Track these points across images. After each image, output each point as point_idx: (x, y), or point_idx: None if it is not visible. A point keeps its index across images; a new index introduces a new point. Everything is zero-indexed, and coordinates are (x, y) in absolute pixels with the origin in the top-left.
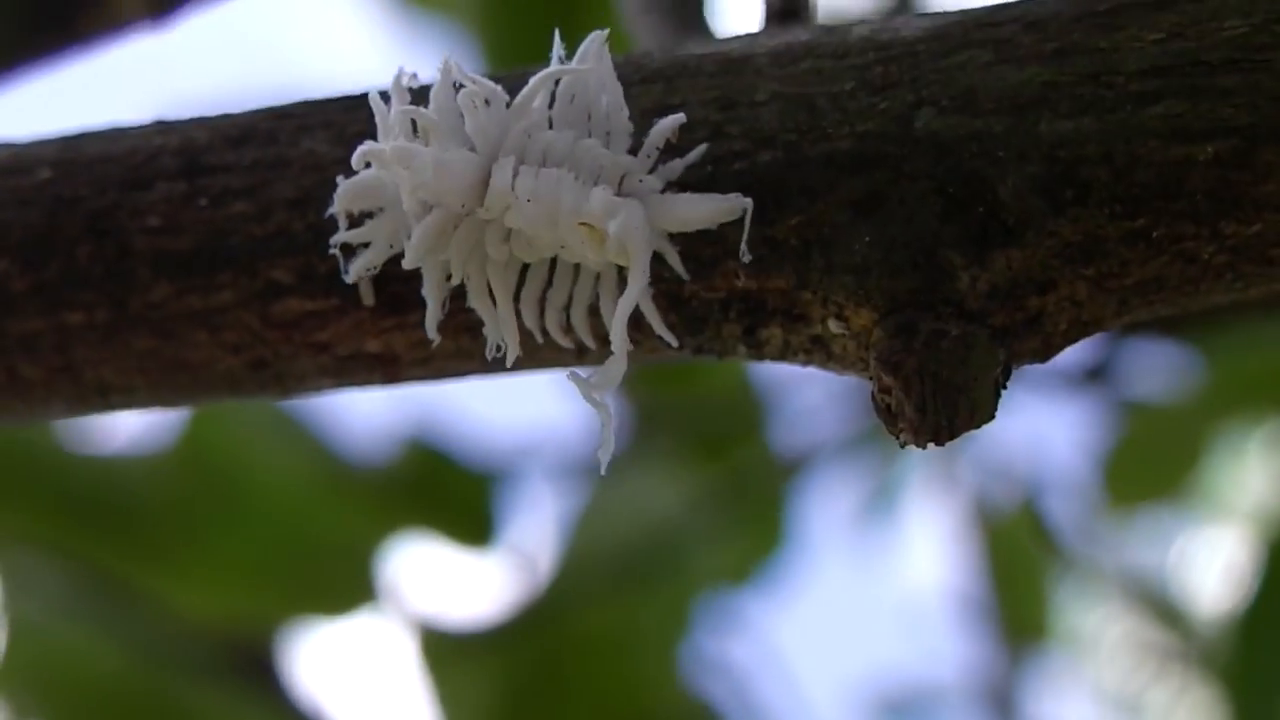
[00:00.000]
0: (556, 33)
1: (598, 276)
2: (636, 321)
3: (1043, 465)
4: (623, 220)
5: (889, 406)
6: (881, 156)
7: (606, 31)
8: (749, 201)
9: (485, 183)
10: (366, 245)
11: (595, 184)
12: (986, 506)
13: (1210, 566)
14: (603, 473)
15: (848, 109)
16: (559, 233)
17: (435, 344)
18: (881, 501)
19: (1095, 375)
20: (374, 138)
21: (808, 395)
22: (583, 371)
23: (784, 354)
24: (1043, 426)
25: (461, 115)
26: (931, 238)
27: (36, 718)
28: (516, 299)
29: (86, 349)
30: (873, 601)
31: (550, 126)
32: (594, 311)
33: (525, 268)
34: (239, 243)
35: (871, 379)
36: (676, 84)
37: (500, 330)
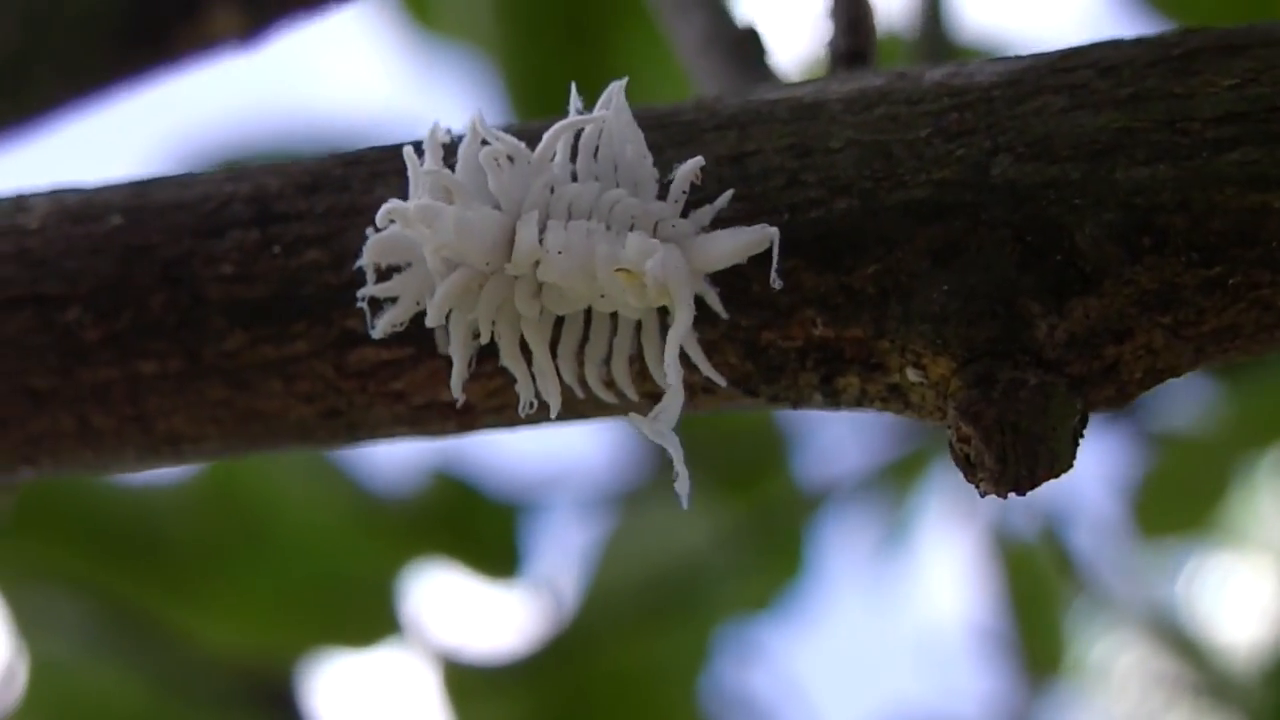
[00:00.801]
0: (574, 86)
1: (637, 325)
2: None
3: (1065, 496)
4: (660, 259)
5: (968, 456)
6: (959, 204)
7: (625, 81)
8: (775, 231)
9: (510, 240)
10: (394, 300)
11: (630, 231)
12: (1006, 538)
13: (1229, 598)
14: (684, 506)
15: (924, 156)
16: (596, 283)
17: (462, 397)
18: (900, 533)
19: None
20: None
21: (830, 429)
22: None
23: (860, 402)
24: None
25: (486, 166)
26: (1010, 286)
27: None
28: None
29: (159, 399)
30: (891, 634)
31: (574, 179)
32: (633, 360)
33: (558, 321)
34: (313, 291)
35: (950, 428)
36: (750, 131)
37: (540, 385)
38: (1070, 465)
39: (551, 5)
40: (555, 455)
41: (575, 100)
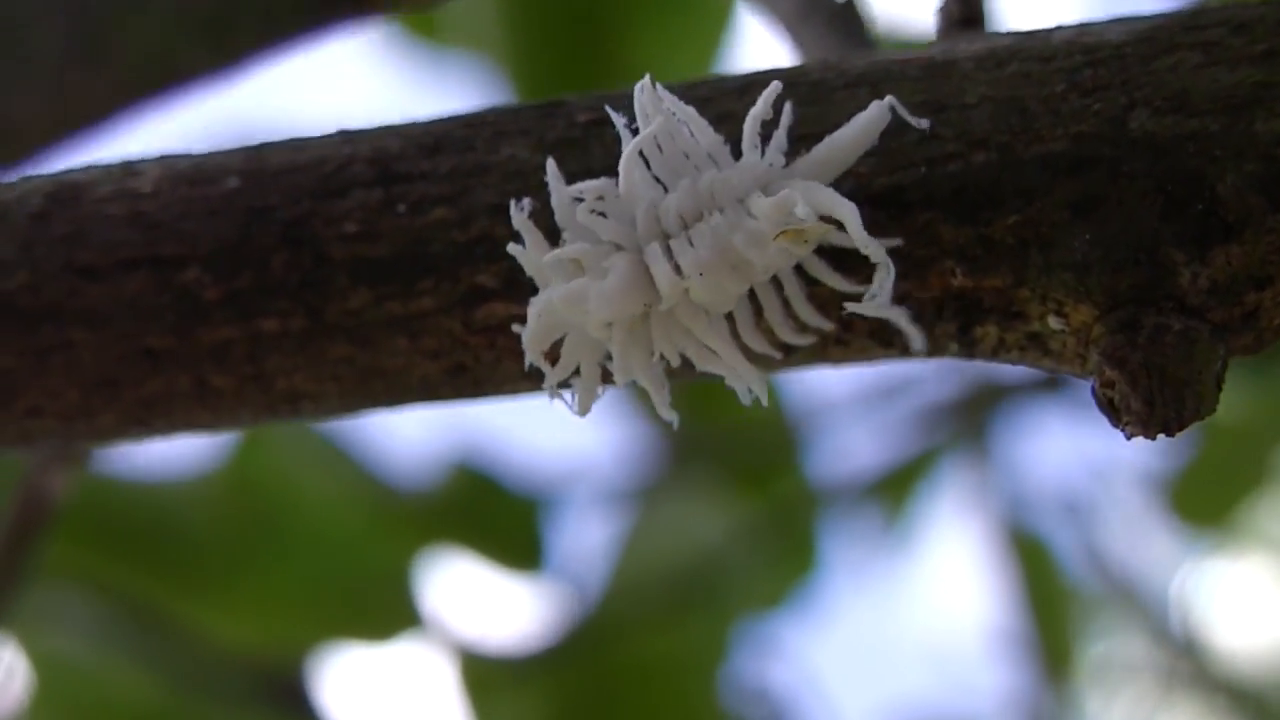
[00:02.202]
0: (611, 112)
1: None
2: (846, 323)
3: (1084, 487)
4: (799, 196)
5: (1111, 401)
6: (1098, 157)
7: (647, 78)
8: (890, 99)
9: (648, 276)
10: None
11: (743, 203)
12: (1019, 533)
13: (1241, 598)
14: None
15: (1060, 111)
16: (751, 268)
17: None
18: (913, 530)
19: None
20: (570, 150)
21: (842, 424)
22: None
23: (997, 352)
24: (1091, 446)
25: (588, 224)
26: (1152, 235)
27: None
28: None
29: (280, 357)
30: (903, 630)
31: (664, 187)
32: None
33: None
34: (440, 249)
35: (1092, 374)
36: (881, 89)
37: (745, 381)
38: (1214, 409)
39: (560, 10)
40: (573, 449)
41: (616, 116)
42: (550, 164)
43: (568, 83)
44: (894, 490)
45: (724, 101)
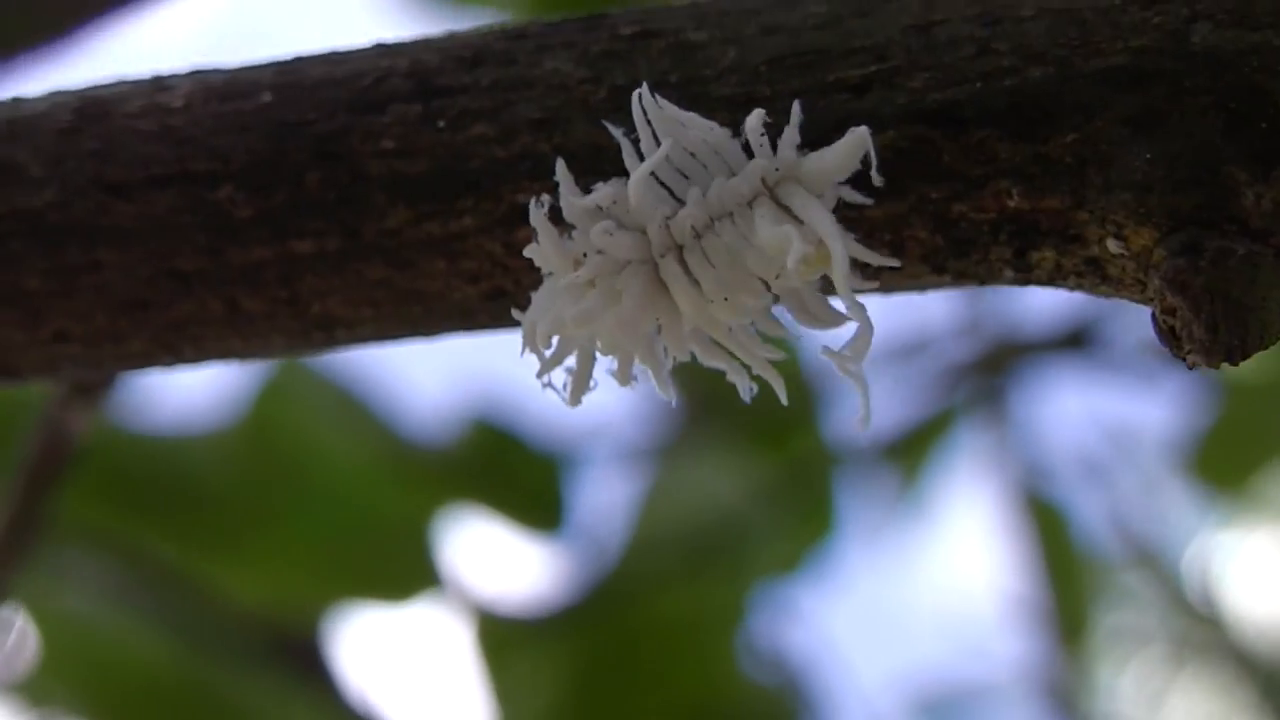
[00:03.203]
0: (619, 133)
1: None
2: (898, 247)
3: (1103, 450)
4: (798, 235)
5: (1173, 329)
6: (1159, 72)
7: (645, 87)
8: (864, 129)
9: (663, 290)
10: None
11: (750, 208)
12: (1036, 500)
13: (1255, 567)
14: (863, 429)
15: (1119, 24)
16: (764, 277)
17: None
18: (928, 494)
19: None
20: (614, 62)
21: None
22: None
23: (1054, 278)
24: (1110, 407)
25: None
26: (1214, 154)
27: (80, 713)
28: None
29: (315, 279)
30: (918, 595)
31: (671, 192)
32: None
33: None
34: (481, 166)
35: (1152, 300)
36: (934, 1)
37: (764, 374)
38: (1279, 337)
39: None
40: (591, 407)
41: (615, 130)
42: (560, 165)
43: None
44: (911, 452)
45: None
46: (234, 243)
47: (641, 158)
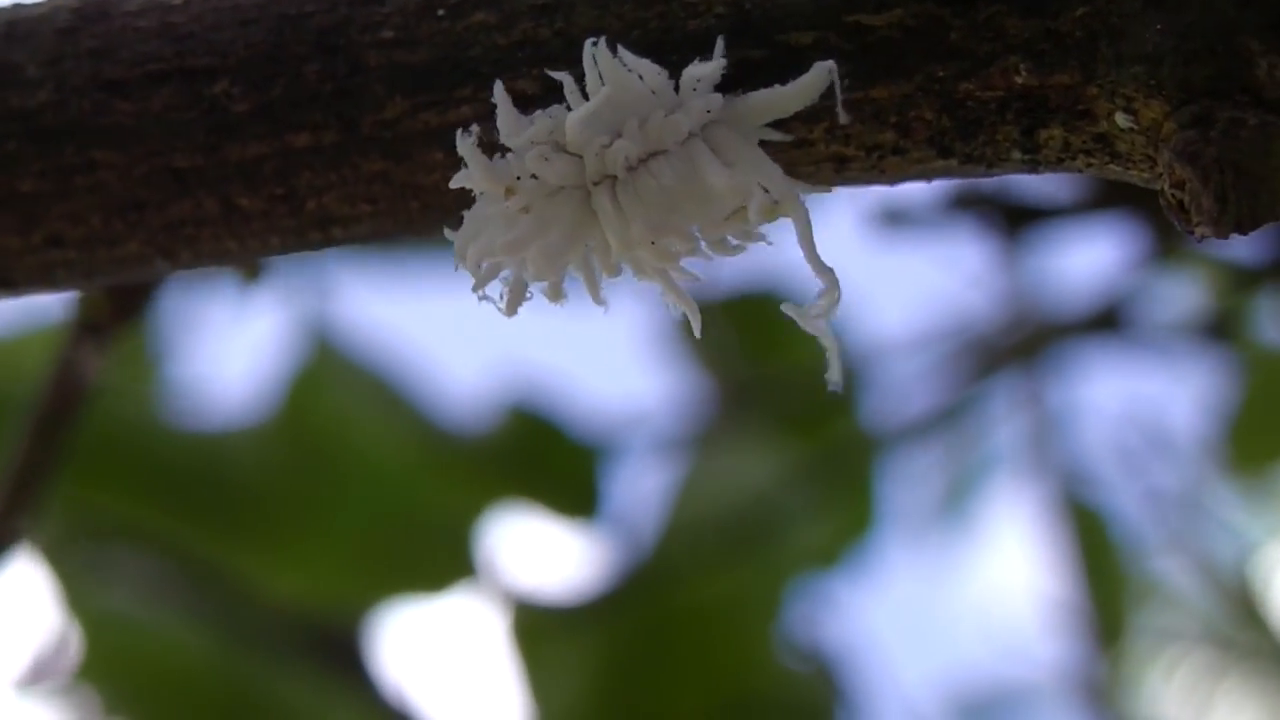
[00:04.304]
0: (564, 77)
1: None
2: (904, 129)
3: (1140, 442)
4: (754, 188)
5: (1181, 203)
6: None
7: (603, 41)
8: (830, 64)
9: (592, 217)
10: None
11: (685, 145)
12: (1075, 502)
13: None
14: (835, 387)
15: None
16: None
17: None
18: (967, 489)
19: (1215, 330)
20: None
21: (897, 371)
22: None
23: (1063, 157)
24: (1147, 393)
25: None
26: (1228, 24)
27: (119, 711)
28: None
29: (311, 174)
30: (954, 595)
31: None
32: None
33: None
34: (480, 53)
35: (1161, 175)
36: None
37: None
38: None
39: None
40: (627, 395)
41: (564, 77)
42: (498, 87)
43: None
44: (949, 441)
45: None
46: (231, 138)
47: (586, 97)
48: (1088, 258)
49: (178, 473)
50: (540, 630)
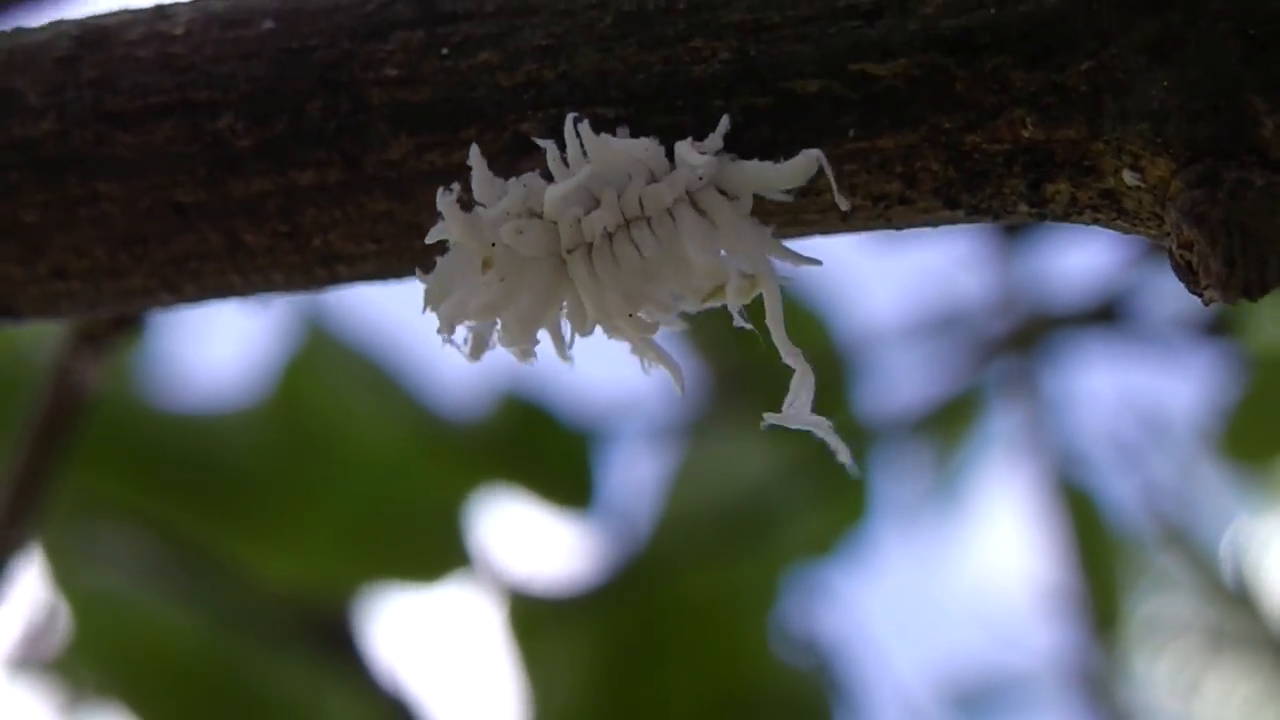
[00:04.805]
0: (552, 149)
1: None
2: (911, 180)
3: (1135, 431)
4: (731, 273)
5: (1189, 264)
6: None
7: (574, 118)
8: (817, 152)
9: (566, 280)
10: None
11: (671, 215)
12: (1069, 486)
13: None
14: (849, 469)
15: None
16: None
17: None
18: (960, 477)
19: (1215, 328)
20: None
21: (892, 358)
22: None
23: (1069, 211)
24: (1141, 384)
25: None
26: (1233, 82)
27: (111, 691)
28: None
29: (316, 212)
30: (949, 583)
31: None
32: None
33: None
34: (484, 94)
35: (1169, 234)
36: None
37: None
38: None
39: None
40: (619, 385)
41: (546, 144)
42: (474, 152)
43: None
44: (944, 430)
45: None
46: (234, 174)
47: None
48: (1087, 251)
49: (170, 456)
50: (536, 621)
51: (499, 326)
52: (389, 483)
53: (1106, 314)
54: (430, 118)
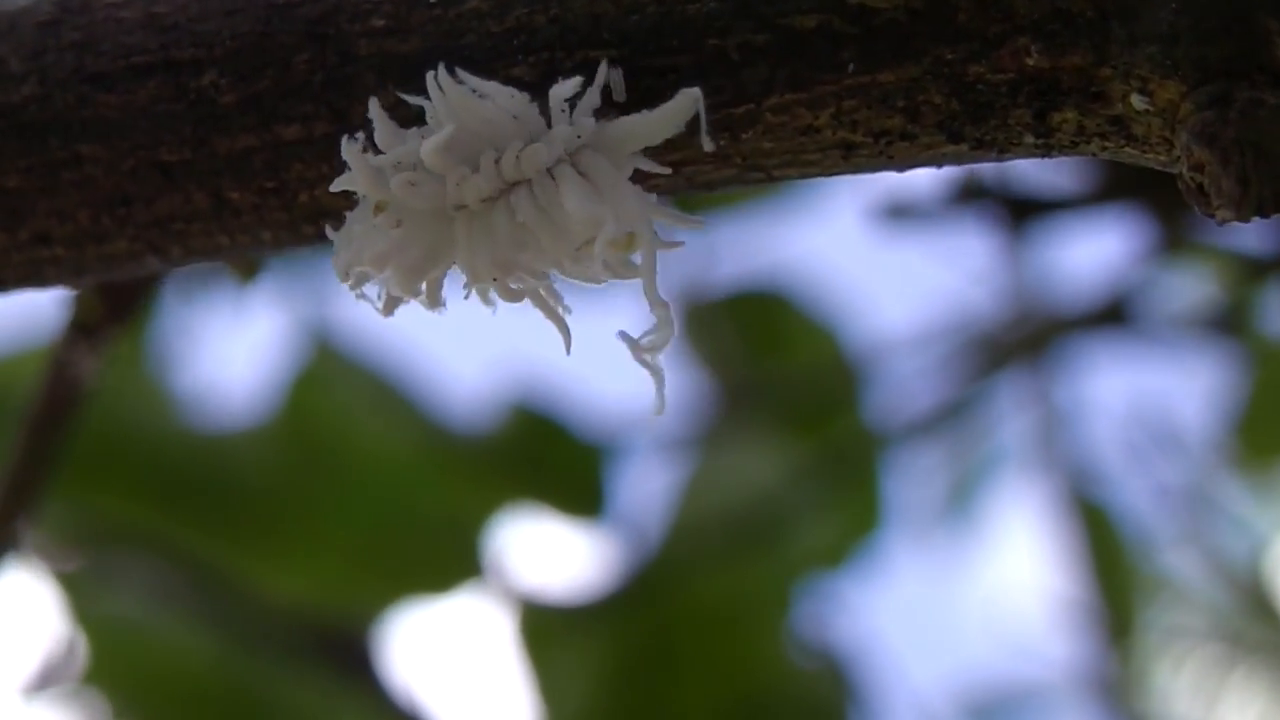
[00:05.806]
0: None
1: None
2: (913, 114)
3: (1148, 437)
4: (608, 217)
5: (1200, 186)
6: None
7: (441, 67)
8: (696, 91)
9: (453, 238)
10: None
11: (551, 175)
12: (1082, 497)
13: None
14: (656, 412)
15: None
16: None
17: None
18: (974, 487)
19: (1223, 323)
20: None
21: (902, 367)
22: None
23: (1076, 140)
24: (1154, 387)
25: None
26: (1245, 2)
27: (126, 716)
28: None
29: (302, 166)
30: (964, 592)
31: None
32: None
33: None
34: (474, 41)
35: (1178, 158)
36: None
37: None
38: None
39: None
40: (629, 395)
41: (423, 102)
42: (373, 105)
43: None
44: (956, 439)
45: None
46: (219, 131)
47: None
48: (1093, 250)
49: (180, 475)
50: (548, 631)
51: (386, 275)
52: (400, 497)
53: (1115, 314)
54: (419, 67)
